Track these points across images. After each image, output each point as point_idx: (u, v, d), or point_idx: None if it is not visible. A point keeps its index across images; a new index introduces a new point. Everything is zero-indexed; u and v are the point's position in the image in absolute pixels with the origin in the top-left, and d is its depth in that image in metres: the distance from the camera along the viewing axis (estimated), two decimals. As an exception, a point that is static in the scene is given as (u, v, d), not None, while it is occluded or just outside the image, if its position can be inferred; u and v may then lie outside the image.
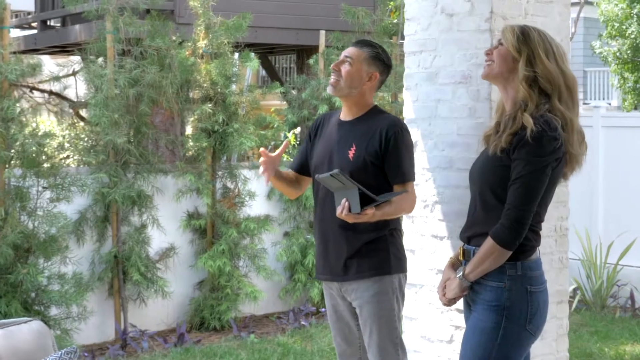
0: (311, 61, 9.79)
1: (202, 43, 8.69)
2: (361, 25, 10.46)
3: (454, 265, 3.94)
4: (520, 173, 3.61)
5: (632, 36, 17.08)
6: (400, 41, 10.85)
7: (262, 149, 4.26)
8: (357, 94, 4.35)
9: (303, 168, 4.54)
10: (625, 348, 7.66)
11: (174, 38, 8.68)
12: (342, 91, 4.34)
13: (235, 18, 8.76)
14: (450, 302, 3.88)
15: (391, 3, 12.06)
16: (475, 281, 3.75)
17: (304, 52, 12.45)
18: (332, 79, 4.35)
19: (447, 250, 4.94)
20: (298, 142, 10.90)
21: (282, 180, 4.47)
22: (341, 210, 4.00)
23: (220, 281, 8.46)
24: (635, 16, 17.13)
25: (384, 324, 4.30)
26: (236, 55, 9.33)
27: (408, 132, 4.34)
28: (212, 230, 8.66)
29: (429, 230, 5.00)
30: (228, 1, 9.62)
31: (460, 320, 4.96)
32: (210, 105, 8.51)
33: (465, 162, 4.77)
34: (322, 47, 9.69)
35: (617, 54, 17.43)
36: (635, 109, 17.59)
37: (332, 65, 4.39)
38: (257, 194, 8.97)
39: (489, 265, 3.69)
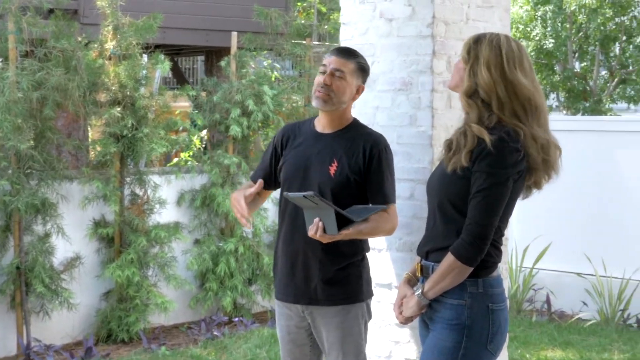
0: (223, 63, 9.54)
1: (110, 44, 8.36)
2: (274, 26, 10.28)
3: (410, 281, 3.78)
4: (482, 186, 3.47)
5: (537, 38, 17.31)
6: (314, 42, 10.71)
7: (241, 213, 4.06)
8: (344, 107, 4.16)
9: (266, 182, 4.29)
10: (546, 354, 7.65)
11: (79, 39, 8.33)
12: (333, 106, 4.12)
13: (145, 18, 8.46)
14: (407, 321, 3.72)
15: (299, 4, 11.89)
16: (434, 298, 3.59)
17: (214, 54, 12.20)
18: (322, 92, 4.08)
19: (386, 264, 4.80)
20: (204, 146, 10.66)
21: (254, 207, 4.25)
22: (315, 231, 3.81)
23: (128, 291, 8.19)
24: (539, 18, 17.37)
25: (352, 349, 4.17)
26: (145, 56, 9.02)
27: (391, 151, 4.18)
28: (120, 238, 8.36)
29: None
30: (136, 1, 9.29)
31: (399, 335, 4.84)
32: (118, 109, 8.19)
33: (406, 172, 4.64)
34: (234, 49, 9.45)
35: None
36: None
37: (323, 79, 4.10)
38: (167, 201, 8.69)
39: (449, 282, 3.54)
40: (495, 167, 3.45)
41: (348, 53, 4.17)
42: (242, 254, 8.99)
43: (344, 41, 4.94)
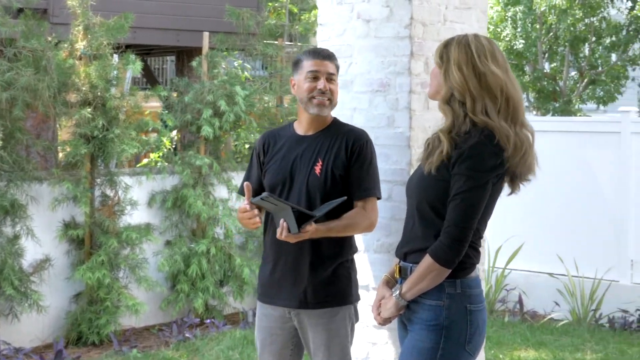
0: (194, 63, 9.47)
1: (80, 44, 8.27)
2: (246, 26, 10.20)
3: (389, 282, 3.77)
4: (461, 189, 3.46)
5: (507, 39, 17.38)
6: (286, 43, 10.67)
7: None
8: None
9: (260, 192, 4.21)
10: (520, 354, 7.67)
11: (49, 39, 8.23)
12: (331, 110, 4.15)
13: (116, 18, 8.37)
14: (385, 322, 3.72)
15: (270, 4, 11.85)
16: (412, 300, 3.59)
17: (184, 54, 12.11)
18: (322, 99, 4.08)
19: (364, 265, 4.78)
20: (174, 147, 10.59)
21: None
22: (280, 232, 3.81)
23: (99, 293, 8.11)
24: (509, 19, 17.44)
25: (338, 351, 4.15)
26: (115, 57, 8.93)
27: (373, 145, 4.17)
28: (91, 240, 8.28)
29: (344, 244, 4.80)
30: (107, 0, 9.19)
31: (377, 337, 4.82)
32: (89, 109, 8.10)
33: (384, 173, 4.62)
34: (205, 49, 9.39)
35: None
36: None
37: (324, 85, 4.07)
38: (139, 202, 8.62)
39: (427, 284, 3.53)
40: (474, 170, 3.45)
41: (331, 55, 4.16)
42: (214, 255, 8.93)
43: (321, 42, 4.91)
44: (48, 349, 7.90)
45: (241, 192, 4.19)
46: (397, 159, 4.64)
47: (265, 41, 10.18)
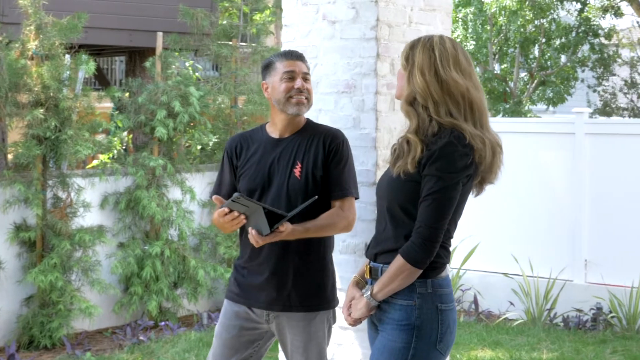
0: (148, 64, 9.37)
1: (32, 44, 8.14)
2: (200, 27, 10.12)
3: (359, 283, 3.76)
4: (432, 189, 3.47)
5: (458, 39, 17.48)
6: (240, 43, 10.60)
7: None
8: None
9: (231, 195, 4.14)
10: (477, 354, 7.70)
11: (0, 38, 8.10)
12: (308, 109, 4.11)
13: (69, 18, 8.26)
14: (356, 322, 3.70)
15: (221, 4, 11.76)
16: (383, 300, 3.59)
17: (137, 54, 11.98)
18: (300, 97, 4.05)
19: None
20: (124, 147, 10.48)
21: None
22: (254, 240, 3.79)
23: (51, 296, 7.99)
24: (460, 20, 17.55)
25: (315, 354, 4.13)
26: (67, 57, 8.81)
27: (349, 144, 4.15)
28: (43, 242, 8.16)
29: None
30: (58, 0, 9.06)
31: (342, 338, 4.80)
32: (41, 110, 7.98)
33: (349, 174, 4.58)
34: (159, 49, 9.30)
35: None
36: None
37: (301, 84, 4.04)
38: (92, 204, 8.51)
39: (398, 284, 3.53)
40: (445, 171, 3.46)
41: (302, 56, 4.15)
42: (168, 257, 8.85)
43: (286, 43, 4.88)
44: (0, 353, 7.77)
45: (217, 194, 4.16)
46: (364, 160, 4.64)
47: (219, 42, 10.11)
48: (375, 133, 4.59)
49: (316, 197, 3.93)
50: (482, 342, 8.08)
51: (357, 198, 4.16)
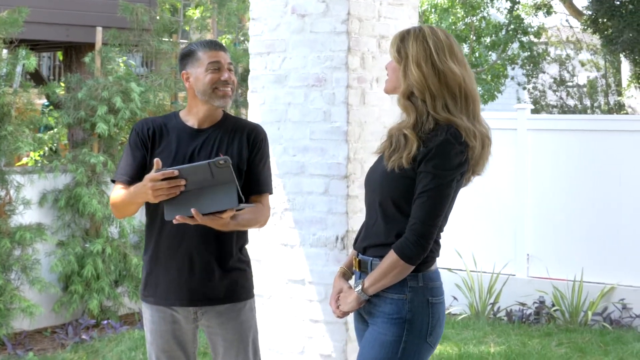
0: (87, 59, 9.22)
1: (-30, 39, 7.97)
2: (140, 22, 9.99)
3: (345, 275, 3.75)
4: (427, 187, 3.46)
5: (389, 37, 17.58)
6: (181, 40, 10.50)
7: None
8: None
9: (139, 180, 3.82)
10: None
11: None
12: (231, 101, 3.98)
13: (9, 12, 8.08)
14: (344, 315, 3.69)
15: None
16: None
17: (73, 50, 11.75)
18: (226, 90, 3.90)
19: (299, 259, 4.74)
20: (54, 146, 10.28)
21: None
22: (223, 222, 3.61)
23: (-10, 296, 7.81)
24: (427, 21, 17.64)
25: (251, 343, 4.04)
26: (5, 52, 8.63)
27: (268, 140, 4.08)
28: (-20, 241, 7.97)
29: (278, 239, 4.79)
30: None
31: (313, 331, 4.80)
32: (-20, 106, 7.81)
33: (320, 167, 4.62)
34: (99, 45, 9.15)
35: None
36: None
37: (228, 76, 3.89)
38: (31, 201, 8.35)
39: (390, 280, 3.52)
40: (441, 168, 3.46)
41: (224, 46, 4.01)
42: (109, 255, 8.73)
43: (254, 36, 4.85)
44: (-62, 355, 7.61)
45: (120, 179, 3.92)
46: (334, 154, 4.64)
47: (159, 38, 10.00)
48: (347, 126, 4.59)
49: (259, 202, 3.90)
50: (447, 340, 8.10)
51: (271, 194, 4.07)
